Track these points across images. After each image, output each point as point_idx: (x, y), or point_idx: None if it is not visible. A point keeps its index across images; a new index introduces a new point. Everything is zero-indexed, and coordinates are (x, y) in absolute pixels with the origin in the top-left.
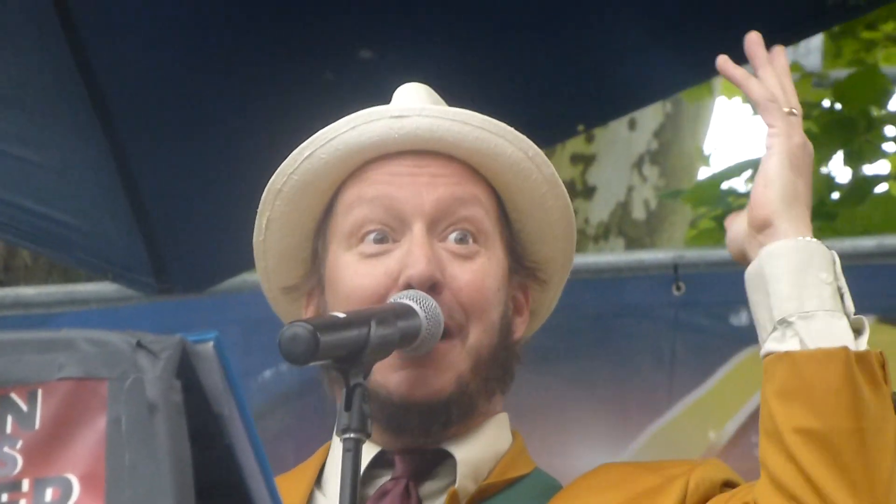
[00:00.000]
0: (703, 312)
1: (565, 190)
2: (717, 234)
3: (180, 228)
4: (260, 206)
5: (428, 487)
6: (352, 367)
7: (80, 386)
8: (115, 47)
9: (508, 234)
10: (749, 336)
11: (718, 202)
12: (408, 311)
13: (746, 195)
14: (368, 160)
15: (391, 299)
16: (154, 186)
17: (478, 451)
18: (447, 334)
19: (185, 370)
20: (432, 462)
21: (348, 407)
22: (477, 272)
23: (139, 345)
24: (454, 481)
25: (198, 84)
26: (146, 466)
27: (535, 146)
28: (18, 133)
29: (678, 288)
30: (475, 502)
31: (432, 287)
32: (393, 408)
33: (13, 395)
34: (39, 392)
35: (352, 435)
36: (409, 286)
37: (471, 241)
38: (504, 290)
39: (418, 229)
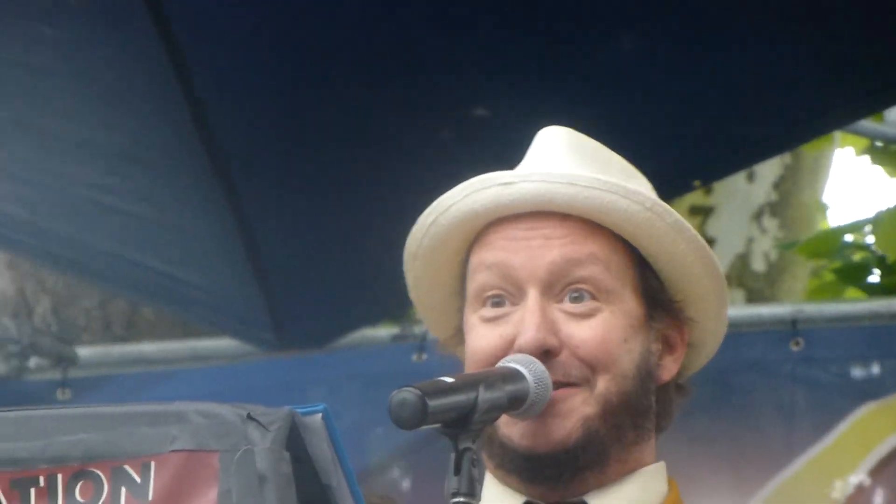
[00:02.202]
0: (822, 367)
1: (695, 233)
2: (837, 287)
3: (299, 285)
4: (405, 265)
5: None
6: (461, 431)
7: (192, 458)
8: (233, 105)
9: (644, 279)
10: (869, 390)
11: (838, 255)
12: (515, 375)
13: (867, 248)
14: (490, 222)
15: (500, 363)
16: (273, 243)
17: (622, 503)
18: (569, 385)
19: (295, 442)
20: None
21: (457, 471)
22: (597, 327)
23: (249, 417)
24: None
25: (316, 143)
26: None
27: (654, 197)
28: (139, 191)
29: (797, 343)
30: None
31: (545, 353)
32: (521, 460)
33: (127, 467)
34: (153, 464)
35: (461, 500)
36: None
37: (588, 299)
38: (636, 339)
39: (532, 295)
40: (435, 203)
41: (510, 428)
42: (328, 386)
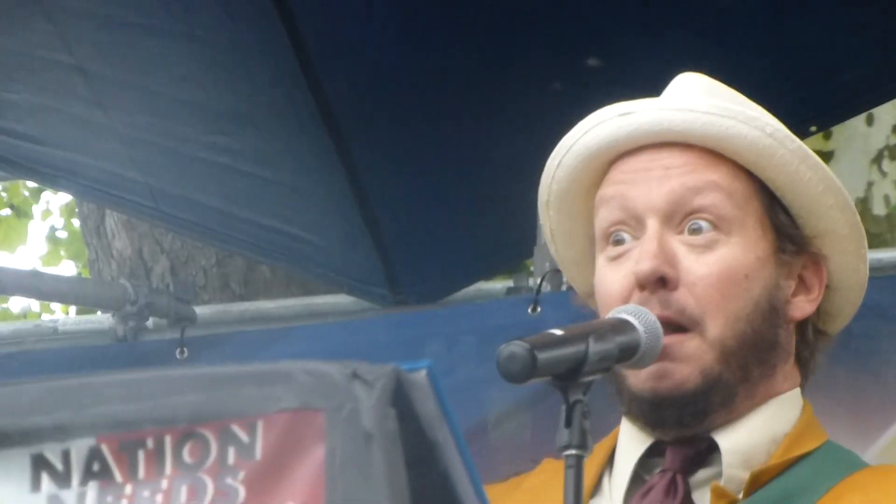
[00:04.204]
0: None
1: (821, 161)
2: None
3: (414, 240)
4: (540, 217)
5: (700, 476)
6: (571, 383)
7: (298, 417)
8: (344, 63)
9: (772, 211)
10: None
11: None
12: (626, 326)
13: None
14: (612, 159)
15: (610, 314)
16: (387, 198)
17: (748, 436)
18: (680, 329)
19: (400, 399)
20: (703, 451)
21: (568, 423)
22: (714, 264)
23: (354, 375)
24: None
25: (428, 97)
26: (364, 494)
27: (776, 123)
28: (252, 151)
29: None
30: (751, 491)
31: (661, 282)
32: (644, 403)
33: (234, 427)
34: (260, 424)
35: (573, 451)
36: (641, 285)
37: (710, 229)
38: (761, 273)
39: (651, 225)
40: (559, 145)
41: (634, 374)
42: (444, 341)
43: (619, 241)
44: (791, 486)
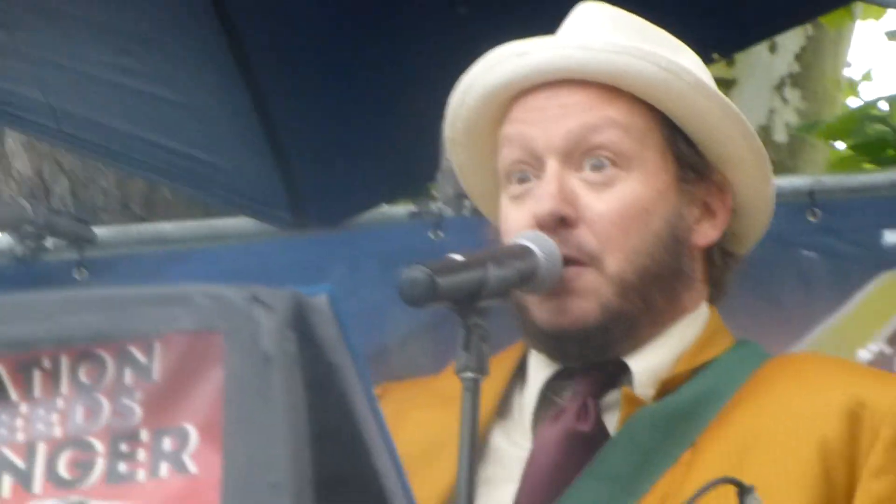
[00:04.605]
0: (839, 238)
1: (718, 91)
2: (853, 161)
3: (316, 162)
4: (448, 153)
5: (611, 398)
6: (470, 308)
7: (197, 338)
8: None
9: (673, 142)
10: (888, 259)
11: (856, 133)
12: (525, 252)
13: (886, 122)
14: (514, 96)
15: (511, 240)
16: (290, 120)
17: (656, 356)
18: (577, 263)
19: (300, 322)
20: (613, 373)
21: (467, 348)
22: (613, 201)
23: (254, 298)
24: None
25: (332, 16)
26: (262, 415)
27: (671, 57)
28: (155, 72)
29: (814, 214)
30: (660, 397)
31: (561, 222)
32: (547, 337)
33: (131, 348)
34: (157, 345)
35: (470, 374)
36: (541, 226)
37: (609, 166)
38: (663, 205)
39: (550, 165)
40: (461, 82)
41: (534, 309)
42: (346, 264)
43: (521, 180)
44: (700, 390)
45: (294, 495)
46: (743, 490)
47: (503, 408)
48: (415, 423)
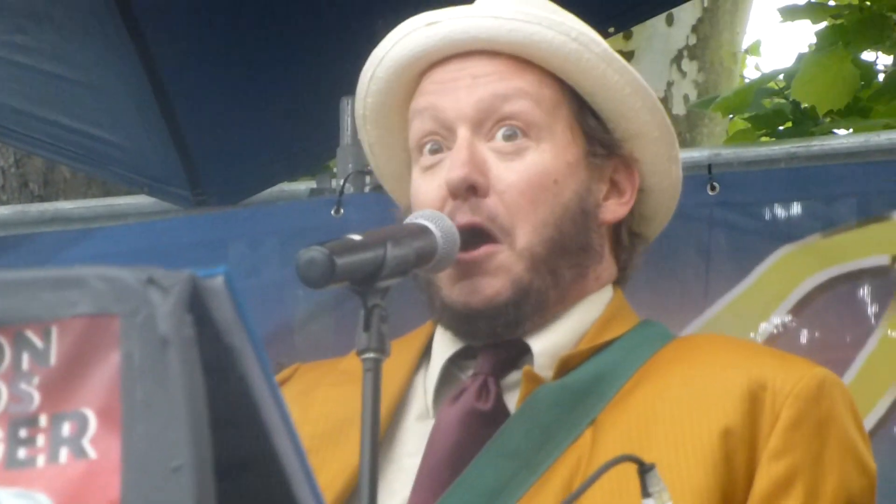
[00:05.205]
0: (738, 211)
1: (627, 65)
2: (751, 134)
3: (215, 139)
4: (358, 132)
5: (512, 378)
6: (369, 288)
7: (93, 322)
8: None
9: (582, 116)
10: (787, 232)
11: (752, 106)
12: (423, 231)
13: (783, 95)
14: (424, 70)
15: (408, 220)
16: (187, 97)
17: (559, 337)
18: (491, 239)
19: (197, 305)
20: (515, 354)
21: (367, 328)
22: (522, 171)
23: (150, 280)
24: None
25: None
26: (160, 399)
27: (581, 27)
28: (51, 50)
29: (712, 188)
30: (560, 375)
31: (472, 190)
32: (457, 316)
33: (28, 333)
34: (54, 329)
35: (371, 355)
36: (453, 194)
37: (520, 136)
38: (571, 178)
39: (462, 134)
40: (371, 57)
41: (447, 288)
42: (247, 242)
43: (433, 151)
44: (600, 368)
45: (195, 479)
46: (643, 468)
47: (409, 387)
48: (322, 401)
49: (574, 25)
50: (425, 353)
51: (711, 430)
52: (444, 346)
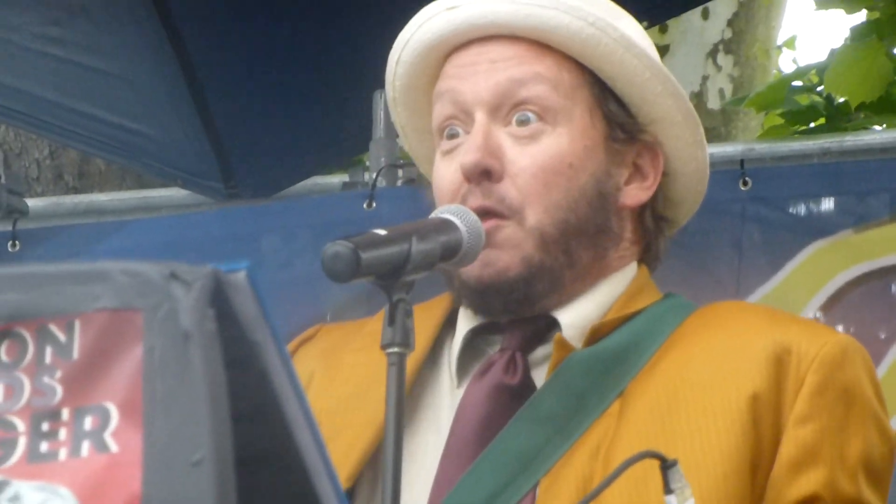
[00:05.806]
0: (770, 206)
1: (646, 50)
2: (784, 130)
3: (249, 132)
4: (391, 117)
5: (539, 353)
6: (394, 282)
7: (116, 316)
8: None
9: (603, 100)
10: (819, 227)
11: (785, 102)
12: (448, 225)
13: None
14: (447, 53)
15: (433, 214)
16: (221, 90)
17: (585, 311)
18: (499, 216)
19: (219, 299)
20: (542, 329)
21: (392, 322)
22: (537, 155)
23: (172, 275)
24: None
25: None
26: (182, 393)
27: (599, 13)
28: (87, 43)
29: (745, 183)
30: (591, 343)
31: (486, 174)
32: (471, 291)
33: (51, 326)
34: (77, 323)
35: (395, 349)
36: (467, 178)
37: (535, 120)
38: (589, 161)
39: (478, 118)
40: (397, 40)
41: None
42: (280, 235)
43: (452, 136)
44: (630, 337)
45: (216, 473)
46: (666, 464)
47: (433, 355)
48: (350, 366)
49: (592, 10)
50: (449, 323)
51: (740, 395)
52: (469, 319)
